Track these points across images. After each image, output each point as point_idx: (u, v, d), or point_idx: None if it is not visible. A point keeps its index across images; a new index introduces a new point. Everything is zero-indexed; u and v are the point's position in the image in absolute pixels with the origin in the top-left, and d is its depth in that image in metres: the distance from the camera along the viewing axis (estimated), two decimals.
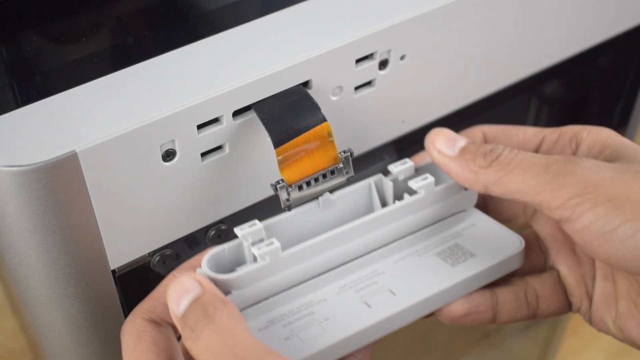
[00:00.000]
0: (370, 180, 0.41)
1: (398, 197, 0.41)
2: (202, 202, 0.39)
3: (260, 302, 0.38)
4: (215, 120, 0.37)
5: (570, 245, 0.43)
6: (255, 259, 0.37)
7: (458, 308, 0.40)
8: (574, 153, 0.41)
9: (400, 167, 0.41)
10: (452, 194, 0.42)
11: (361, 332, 0.37)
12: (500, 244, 0.42)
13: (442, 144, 0.39)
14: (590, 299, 0.42)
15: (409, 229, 0.41)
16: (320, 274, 0.39)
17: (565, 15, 0.48)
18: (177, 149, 0.36)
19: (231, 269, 0.37)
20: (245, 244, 0.37)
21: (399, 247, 0.41)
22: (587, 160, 0.37)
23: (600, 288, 0.42)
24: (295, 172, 0.37)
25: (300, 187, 0.38)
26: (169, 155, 0.36)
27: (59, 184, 0.33)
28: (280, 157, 0.36)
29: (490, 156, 0.38)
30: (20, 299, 0.40)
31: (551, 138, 0.42)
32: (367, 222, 0.39)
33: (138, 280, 0.39)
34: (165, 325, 0.36)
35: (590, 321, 0.43)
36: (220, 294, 0.33)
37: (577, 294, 0.43)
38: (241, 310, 0.37)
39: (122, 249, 0.37)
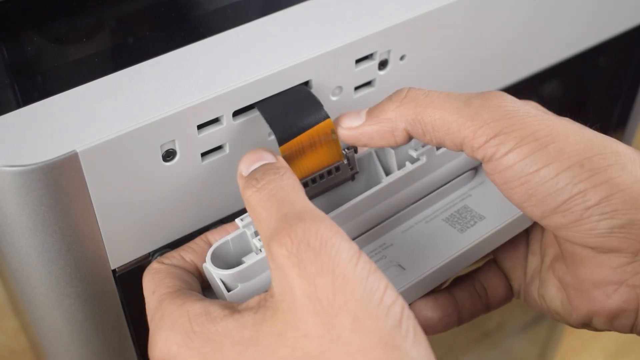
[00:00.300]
0: (372, 150, 0.41)
1: (401, 165, 0.40)
2: (202, 201, 0.39)
3: None
4: (216, 121, 0.37)
5: None
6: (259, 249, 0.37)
7: (432, 315, 0.40)
8: None
9: None
10: (455, 155, 0.41)
11: None
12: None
13: (347, 121, 0.37)
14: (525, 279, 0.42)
15: (415, 196, 0.40)
16: None
17: (564, 16, 0.48)
18: (177, 149, 0.36)
19: (238, 260, 0.37)
20: (248, 233, 0.37)
21: (407, 216, 0.40)
22: (510, 97, 0.35)
23: (530, 264, 0.42)
24: (301, 170, 0.37)
25: (305, 184, 0.37)
26: (169, 155, 0.36)
27: (60, 183, 0.33)
28: (284, 155, 0.36)
29: (399, 95, 0.36)
30: (21, 298, 0.40)
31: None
32: (370, 197, 0.38)
33: (138, 280, 0.39)
34: (181, 267, 0.37)
35: (525, 300, 0.42)
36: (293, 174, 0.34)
37: (515, 277, 0.43)
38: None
39: (123, 249, 0.37)
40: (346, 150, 0.38)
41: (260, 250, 0.36)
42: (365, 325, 0.27)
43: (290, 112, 0.37)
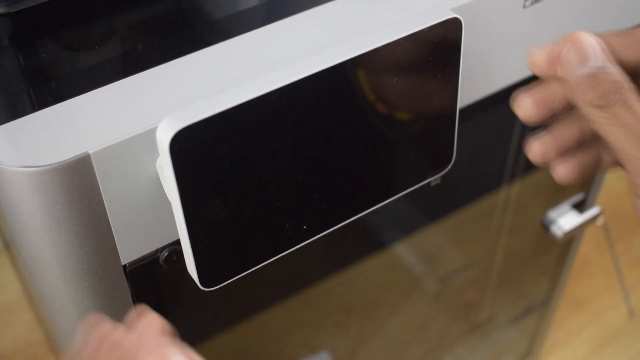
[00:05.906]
0: None
1: None
2: None
3: None
4: None
5: None
6: None
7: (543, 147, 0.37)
8: None
9: None
10: None
11: None
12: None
13: (574, 57, 0.33)
14: None
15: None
16: None
17: (562, 17, 0.48)
18: None
19: None
20: None
21: None
22: None
23: None
24: None
25: None
26: None
27: (73, 183, 0.33)
28: None
29: (606, 100, 0.33)
30: (36, 292, 0.40)
31: None
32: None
33: (147, 275, 0.39)
34: None
35: None
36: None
37: None
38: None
39: (133, 245, 0.37)
40: None
41: None
42: None
43: None
